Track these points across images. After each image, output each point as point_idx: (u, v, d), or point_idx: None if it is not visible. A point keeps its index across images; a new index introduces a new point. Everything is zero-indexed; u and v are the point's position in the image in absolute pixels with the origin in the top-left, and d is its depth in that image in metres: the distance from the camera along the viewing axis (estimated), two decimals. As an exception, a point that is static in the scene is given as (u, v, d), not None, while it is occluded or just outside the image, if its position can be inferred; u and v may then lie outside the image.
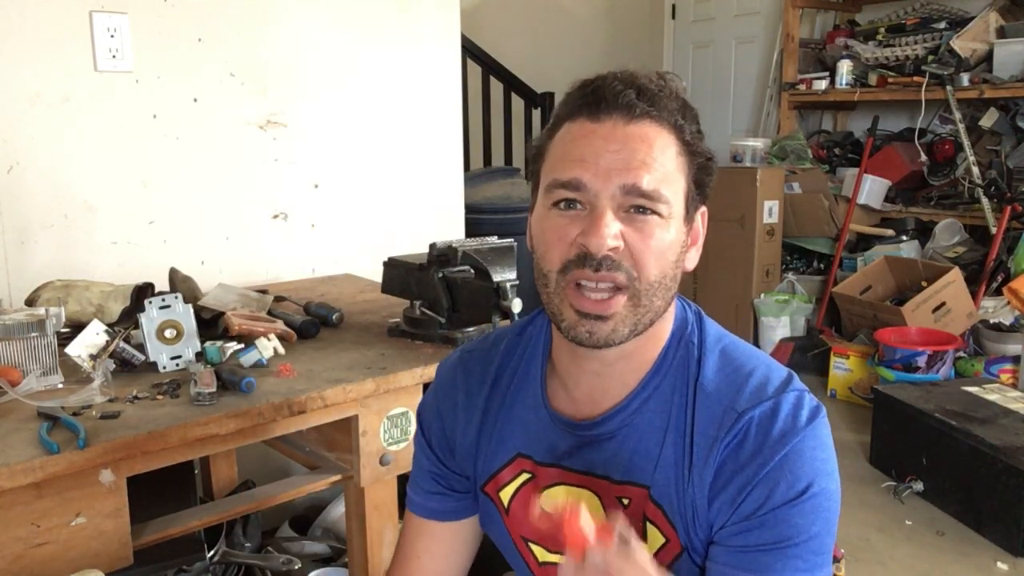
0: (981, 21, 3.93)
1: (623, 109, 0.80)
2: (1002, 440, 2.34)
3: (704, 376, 0.86)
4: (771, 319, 3.86)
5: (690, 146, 0.83)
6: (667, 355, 0.88)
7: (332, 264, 2.36)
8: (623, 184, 0.79)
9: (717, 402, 0.84)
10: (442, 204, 2.63)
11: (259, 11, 2.15)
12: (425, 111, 2.54)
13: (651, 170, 0.79)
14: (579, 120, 0.82)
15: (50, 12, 1.84)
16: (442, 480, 1.02)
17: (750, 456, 0.81)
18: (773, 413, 0.82)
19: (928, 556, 2.28)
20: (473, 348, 1.03)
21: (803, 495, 0.79)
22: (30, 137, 1.85)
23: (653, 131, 0.81)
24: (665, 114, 0.81)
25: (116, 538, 1.16)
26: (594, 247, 0.78)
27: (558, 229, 0.81)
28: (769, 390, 0.84)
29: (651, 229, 0.80)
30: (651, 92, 0.81)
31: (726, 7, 5.30)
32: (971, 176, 3.83)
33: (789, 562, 0.79)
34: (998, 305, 3.44)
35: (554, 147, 0.85)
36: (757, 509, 0.80)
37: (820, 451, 0.82)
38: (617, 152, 0.79)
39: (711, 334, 0.90)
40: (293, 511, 2.20)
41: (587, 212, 0.80)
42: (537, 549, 0.95)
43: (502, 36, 4.52)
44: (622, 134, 0.80)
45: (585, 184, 0.79)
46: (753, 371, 0.86)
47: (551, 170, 0.83)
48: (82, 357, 1.36)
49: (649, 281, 0.81)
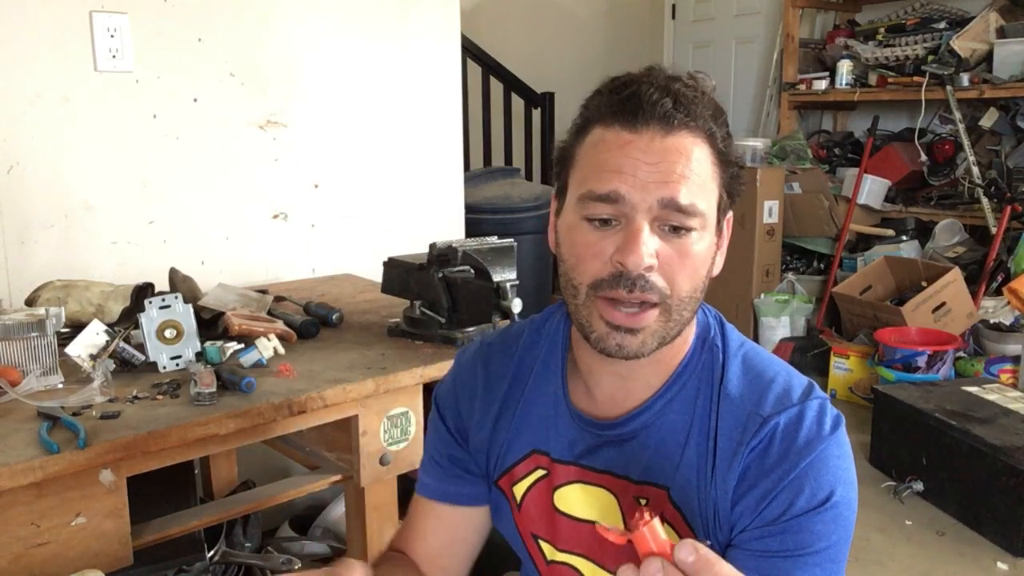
0: (981, 21, 3.93)
1: (660, 120, 0.78)
2: (1002, 440, 2.34)
3: (728, 380, 0.86)
4: (771, 319, 3.86)
5: (723, 155, 0.82)
6: (692, 359, 0.89)
7: (332, 264, 2.36)
8: (661, 197, 0.77)
9: (741, 407, 0.84)
10: (442, 204, 2.63)
11: (259, 11, 2.15)
12: (425, 111, 2.54)
13: (688, 183, 0.78)
14: (614, 128, 0.80)
15: (50, 12, 1.84)
16: (459, 463, 1.00)
17: (775, 462, 0.81)
18: (798, 420, 0.82)
19: (928, 556, 2.28)
20: (494, 341, 1.02)
21: (825, 503, 0.79)
22: (30, 137, 1.85)
23: (689, 141, 0.79)
24: (700, 122, 0.80)
25: (116, 538, 1.16)
26: (631, 264, 0.77)
27: (592, 245, 0.80)
28: (793, 397, 0.84)
29: (687, 248, 0.79)
30: (687, 99, 0.79)
31: (726, 7, 5.30)
32: (971, 176, 3.83)
33: (808, 570, 0.79)
34: (998, 305, 3.44)
35: (585, 153, 0.82)
36: (780, 516, 0.80)
37: (843, 460, 0.82)
38: (656, 164, 0.77)
39: (733, 340, 0.90)
40: (293, 511, 2.20)
41: (622, 227, 0.79)
42: (546, 547, 0.95)
43: (502, 36, 4.52)
44: (660, 147, 0.78)
45: (623, 196, 0.77)
46: (775, 377, 0.86)
47: (585, 180, 0.81)
48: (82, 357, 1.36)
49: (681, 297, 0.80)
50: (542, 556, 0.96)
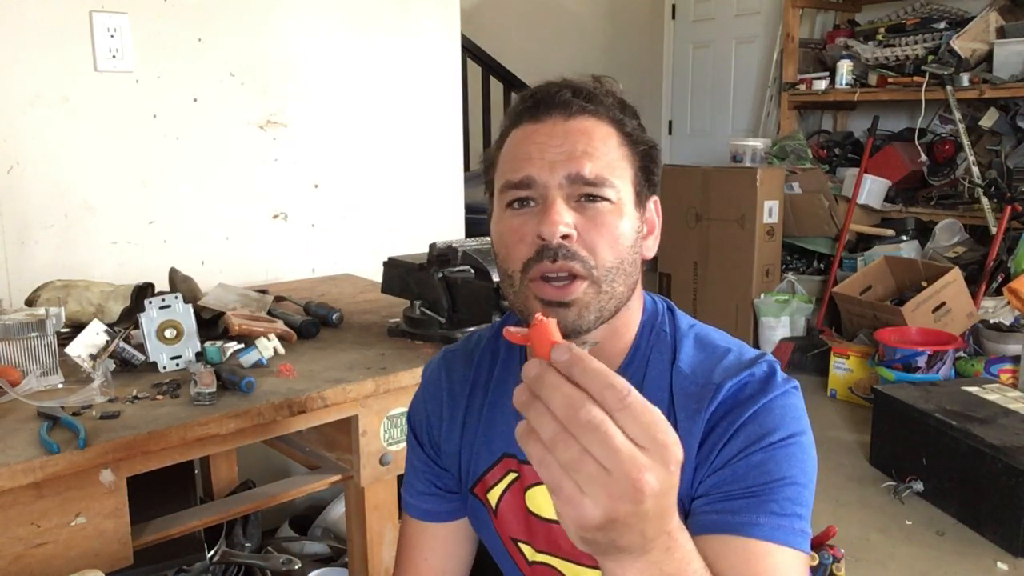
0: (981, 21, 3.93)
1: (561, 107, 0.84)
2: (1002, 440, 2.34)
3: (680, 360, 0.88)
4: (771, 319, 3.86)
5: (631, 137, 0.87)
6: (640, 345, 0.91)
7: (332, 264, 2.37)
8: (568, 174, 0.82)
9: (694, 381, 0.86)
10: (442, 204, 2.63)
11: (259, 11, 2.15)
12: (425, 111, 2.54)
13: (593, 159, 0.82)
14: (522, 124, 0.86)
15: (50, 12, 1.84)
16: (436, 481, 1.02)
17: (724, 415, 0.83)
18: (749, 378, 0.85)
19: (928, 556, 2.28)
20: (456, 348, 1.05)
21: (776, 443, 0.80)
22: (30, 137, 1.85)
23: (591, 124, 0.84)
24: (603, 109, 0.85)
25: (116, 538, 1.16)
26: (547, 234, 0.80)
27: (515, 230, 0.84)
28: (744, 361, 0.87)
29: (602, 216, 0.82)
30: (586, 90, 0.86)
31: (726, 7, 5.30)
32: (971, 176, 3.83)
33: (763, 505, 0.78)
34: (998, 305, 3.44)
35: (503, 154, 0.88)
36: (731, 459, 0.81)
37: (792, 411, 0.83)
38: (560, 146, 0.83)
39: (683, 322, 0.93)
40: (293, 511, 2.20)
41: (540, 207, 0.83)
42: (526, 548, 0.95)
43: (502, 36, 4.52)
44: (562, 130, 0.84)
45: (534, 178, 0.83)
46: (728, 351, 0.88)
47: (502, 174, 0.87)
48: (82, 357, 1.36)
49: (606, 267, 0.82)
50: (523, 558, 0.96)
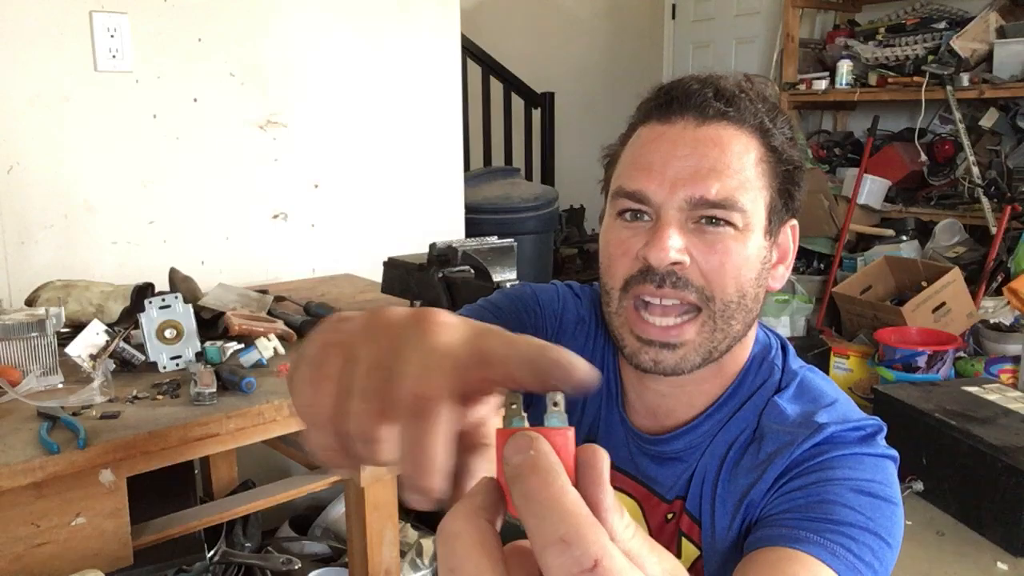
0: (981, 21, 3.92)
1: (696, 109, 0.74)
2: (1002, 440, 2.34)
3: (782, 395, 0.80)
4: (771, 319, 3.86)
5: (776, 152, 0.76)
6: (745, 378, 0.82)
7: (332, 264, 2.36)
8: (689, 197, 0.72)
9: (791, 417, 0.77)
10: (442, 204, 2.63)
11: (259, 11, 2.15)
12: (425, 111, 2.54)
13: (722, 177, 0.72)
14: (650, 123, 0.77)
15: (50, 12, 1.84)
16: None
17: (817, 454, 0.74)
18: (857, 427, 0.76)
19: (928, 556, 2.28)
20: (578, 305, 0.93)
21: (879, 498, 0.72)
22: (30, 137, 1.85)
23: (729, 133, 0.74)
24: (747, 115, 0.75)
25: (116, 538, 1.16)
26: (655, 260, 0.72)
27: (622, 242, 0.76)
28: (854, 414, 0.78)
29: (723, 242, 0.73)
30: (730, 92, 0.75)
31: (726, 7, 5.30)
32: (971, 176, 3.83)
33: (848, 543, 0.70)
34: (998, 305, 3.43)
35: (624, 153, 0.80)
36: (809, 484, 0.73)
37: (892, 479, 0.76)
38: (686, 158, 0.73)
39: (794, 363, 0.84)
40: (293, 511, 2.20)
41: (652, 224, 0.74)
42: None
43: (502, 36, 4.52)
44: (692, 137, 0.74)
45: (649, 197, 0.74)
46: (836, 400, 0.79)
47: (618, 176, 0.78)
48: (82, 357, 1.36)
49: (725, 301, 0.74)
50: None
